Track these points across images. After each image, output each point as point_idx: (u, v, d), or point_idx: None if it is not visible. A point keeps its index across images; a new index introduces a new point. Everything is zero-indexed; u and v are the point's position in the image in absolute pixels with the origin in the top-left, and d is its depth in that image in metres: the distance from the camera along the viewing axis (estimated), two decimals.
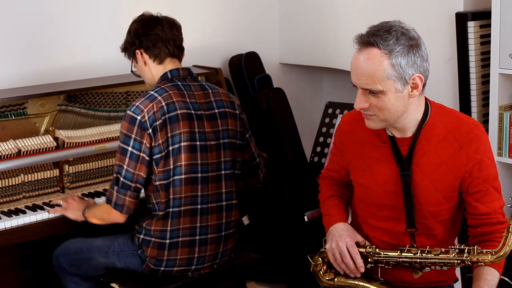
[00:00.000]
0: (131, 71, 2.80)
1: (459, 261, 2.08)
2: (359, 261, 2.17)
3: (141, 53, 2.68)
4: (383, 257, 2.17)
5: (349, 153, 2.29)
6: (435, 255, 2.10)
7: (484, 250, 2.07)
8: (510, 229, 1.99)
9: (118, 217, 2.59)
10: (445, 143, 2.12)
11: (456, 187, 2.14)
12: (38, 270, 3.05)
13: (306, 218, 3.46)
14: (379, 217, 2.23)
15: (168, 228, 2.59)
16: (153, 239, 2.60)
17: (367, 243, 2.22)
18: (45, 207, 2.81)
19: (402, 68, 2.00)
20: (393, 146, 2.16)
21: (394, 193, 2.17)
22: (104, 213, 2.63)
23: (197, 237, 2.63)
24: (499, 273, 2.11)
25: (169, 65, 2.68)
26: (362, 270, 2.18)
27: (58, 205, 2.81)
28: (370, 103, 2.05)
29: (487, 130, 3.04)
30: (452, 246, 2.11)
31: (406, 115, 2.09)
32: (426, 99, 2.17)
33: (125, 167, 2.53)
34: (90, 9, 3.40)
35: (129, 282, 2.67)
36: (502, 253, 2.03)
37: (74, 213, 2.75)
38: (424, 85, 2.08)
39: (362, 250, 2.19)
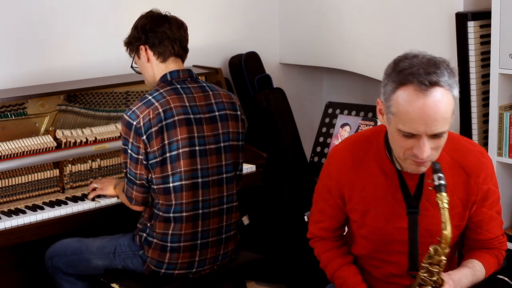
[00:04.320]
0: (131, 66, 2.76)
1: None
2: None
3: (146, 49, 2.65)
4: None
5: (349, 191, 2.14)
6: None
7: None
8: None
9: (131, 206, 2.68)
10: (452, 172, 2.04)
11: (466, 217, 2.10)
12: (37, 271, 3.04)
13: (306, 218, 3.45)
14: (386, 252, 2.13)
15: (170, 232, 2.58)
16: (155, 240, 2.60)
17: None
18: (45, 207, 2.81)
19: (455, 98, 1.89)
20: (400, 181, 2.05)
21: (404, 229, 2.07)
22: (123, 199, 2.72)
23: (199, 241, 2.63)
24: (484, 273, 2.11)
25: (172, 64, 2.66)
26: None
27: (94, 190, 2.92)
28: (431, 148, 1.90)
29: (487, 130, 3.04)
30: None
31: None
32: None
33: (128, 166, 2.59)
34: (90, 9, 3.40)
35: (129, 282, 2.67)
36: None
37: (108, 189, 2.89)
38: None
39: None
